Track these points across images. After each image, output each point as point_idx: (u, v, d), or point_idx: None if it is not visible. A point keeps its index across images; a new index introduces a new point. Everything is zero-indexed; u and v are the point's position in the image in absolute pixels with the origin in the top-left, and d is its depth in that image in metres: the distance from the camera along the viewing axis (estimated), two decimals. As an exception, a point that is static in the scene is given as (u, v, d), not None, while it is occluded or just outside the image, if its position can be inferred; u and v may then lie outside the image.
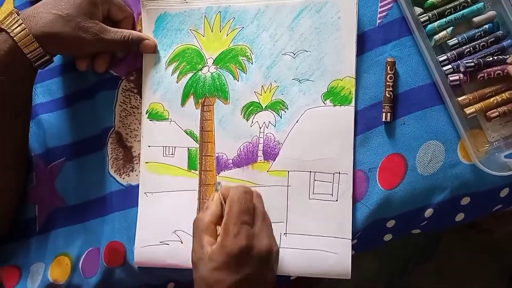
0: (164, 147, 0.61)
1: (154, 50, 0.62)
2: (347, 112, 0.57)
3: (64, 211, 0.65)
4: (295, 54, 0.58)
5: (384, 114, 0.56)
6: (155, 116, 0.61)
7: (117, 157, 0.63)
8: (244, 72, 0.60)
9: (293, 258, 0.57)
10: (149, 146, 0.61)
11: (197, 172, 0.60)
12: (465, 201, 0.56)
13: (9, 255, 0.66)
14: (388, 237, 0.59)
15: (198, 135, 0.60)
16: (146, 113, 0.62)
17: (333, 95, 0.57)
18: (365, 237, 0.58)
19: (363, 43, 0.58)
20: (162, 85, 0.62)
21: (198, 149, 0.60)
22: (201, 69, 0.61)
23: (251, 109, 0.59)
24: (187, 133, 0.60)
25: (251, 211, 0.50)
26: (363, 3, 0.58)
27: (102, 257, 0.61)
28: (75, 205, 0.65)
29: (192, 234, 0.51)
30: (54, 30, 0.56)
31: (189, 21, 0.61)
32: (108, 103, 0.64)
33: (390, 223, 0.57)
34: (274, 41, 0.59)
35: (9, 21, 0.56)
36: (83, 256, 0.64)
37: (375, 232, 0.58)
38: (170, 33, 0.62)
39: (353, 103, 0.57)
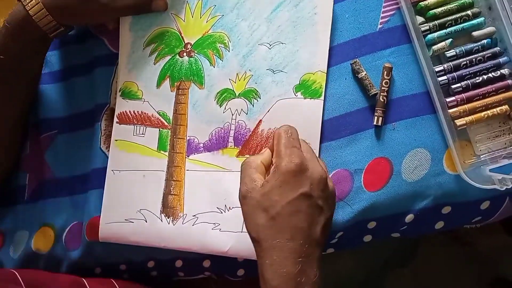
0: (135, 126, 0.62)
1: (166, 8, 0.62)
2: (317, 105, 0.58)
3: (52, 183, 0.67)
4: (271, 45, 0.59)
5: (376, 118, 0.56)
6: (128, 94, 0.63)
7: (110, 133, 0.63)
8: (220, 59, 0.61)
9: None
10: (119, 124, 0.62)
11: (166, 153, 0.61)
12: (446, 210, 0.56)
13: (-5, 219, 0.67)
14: (368, 238, 0.59)
15: (170, 117, 0.61)
16: (119, 91, 0.63)
17: (305, 88, 0.58)
18: (345, 237, 0.58)
19: (361, 46, 0.58)
20: (138, 65, 0.63)
21: (170, 131, 0.61)
22: (178, 53, 0.62)
23: (224, 96, 0.60)
24: (159, 114, 0.61)
25: (298, 139, 0.51)
26: (365, 7, 0.59)
27: (84, 232, 0.62)
28: (63, 178, 0.66)
29: (243, 173, 0.51)
30: (65, 2, 0.57)
31: (171, 5, 0.62)
32: (106, 79, 0.65)
33: (371, 225, 0.58)
34: (252, 30, 0.60)
35: None
36: (67, 229, 0.65)
37: (356, 232, 0.58)
38: (150, 14, 0.63)
39: (322, 97, 0.58)
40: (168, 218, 0.60)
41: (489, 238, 0.81)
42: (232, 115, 0.60)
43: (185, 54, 0.62)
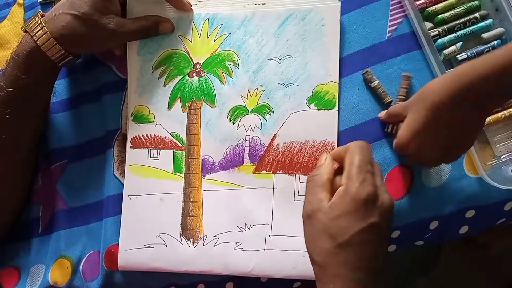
0: (149, 150, 0.61)
1: (173, 30, 0.62)
2: (332, 115, 0.58)
3: (66, 213, 0.65)
4: (281, 60, 0.60)
5: (390, 125, 0.56)
6: (140, 118, 0.62)
7: (123, 159, 0.63)
8: (230, 77, 0.61)
9: (278, 260, 0.57)
10: (133, 149, 0.62)
11: (182, 174, 0.60)
12: (470, 214, 0.56)
13: (9, 256, 0.66)
14: (392, 247, 0.59)
15: (184, 138, 0.61)
16: (131, 116, 0.62)
17: (318, 99, 0.58)
18: None
19: (371, 55, 0.59)
20: (148, 88, 0.62)
21: (184, 152, 0.61)
22: (188, 74, 0.62)
23: (237, 113, 0.60)
24: (173, 136, 0.61)
25: (371, 162, 0.49)
26: (372, 17, 0.60)
27: (102, 261, 0.61)
28: (77, 207, 0.65)
29: (308, 190, 0.50)
30: (73, 32, 0.57)
31: (177, 27, 0.63)
32: (115, 106, 0.64)
33: (395, 234, 0.57)
34: (260, 46, 0.60)
35: (33, 23, 0.57)
36: (84, 259, 0.64)
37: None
38: (157, 37, 0.63)
39: (336, 107, 0.58)
40: (188, 240, 0.59)
41: (504, 240, 0.80)
42: (246, 131, 0.60)
43: (194, 74, 0.62)
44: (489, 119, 0.55)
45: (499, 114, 0.55)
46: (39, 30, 0.57)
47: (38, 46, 0.57)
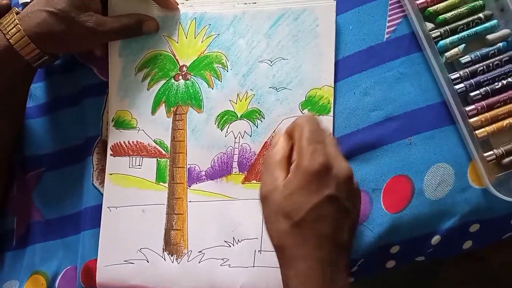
0: (131, 158, 0.58)
1: (157, 29, 0.59)
2: (326, 122, 0.55)
3: (42, 225, 0.62)
4: (272, 62, 0.57)
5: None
6: (121, 124, 0.59)
7: (103, 168, 0.59)
8: (219, 80, 0.58)
9: (268, 277, 0.54)
10: (114, 156, 0.58)
11: (166, 184, 0.57)
12: (474, 228, 0.53)
13: (-20, 271, 0.62)
14: (391, 263, 0.55)
15: (168, 145, 0.58)
16: (112, 121, 0.59)
17: (312, 104, 0.55)
18: (366, 264, 0.54)
19: (369, 58, 0.56)
20: (130, 92, 0.59)
21: (169, 160, 0.57)
22: (173, 77, 0.58)
23: (226, 118, 0.57)
24: (156, 143, 0.58)
25: (322, 132, 0.46)
26: (370, 17, 0.57)
27: (79, 277, 0.58)
28: (53, 219, 0.62)
29: (264, 170, 0.47)
30: (48, 30, 0.54)
31: (163, 26, 0.60)
32: (96, 110, 0.61)
33: (394, 249, 0.54)
34: (251, 48, 0.57)
35: (6, 20, 0.54)
36: (60, 275, 0.61)
37: (378, 258, 0.54)
38: (140, 38, 0.59)
39: (331, 113, 0.55)
40: (171, 256, 0.56)
41: (501, 253, 0.78)
42: (235, 138, 0.56)
43: (180, 77, 0.58)
44: (493, 127, 0.51)
45: (504, 123, 0.51)
46: (13, 28, 0.53)
47: (11, 45, 0.53)
